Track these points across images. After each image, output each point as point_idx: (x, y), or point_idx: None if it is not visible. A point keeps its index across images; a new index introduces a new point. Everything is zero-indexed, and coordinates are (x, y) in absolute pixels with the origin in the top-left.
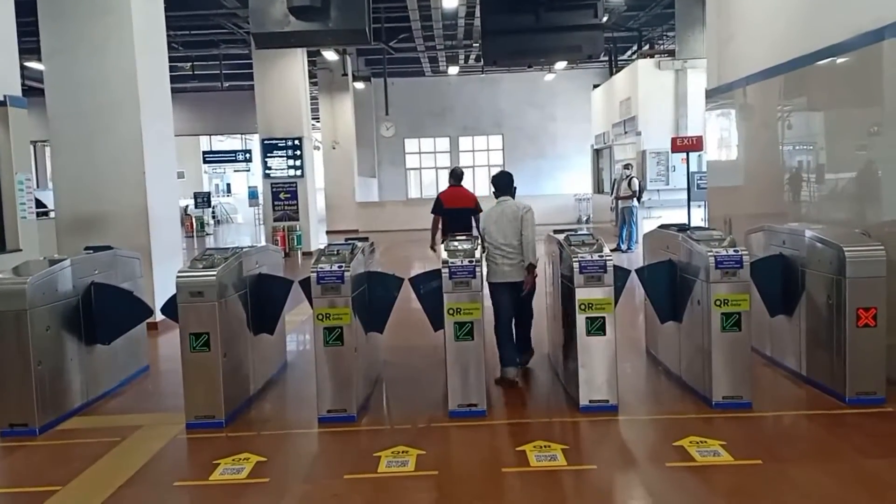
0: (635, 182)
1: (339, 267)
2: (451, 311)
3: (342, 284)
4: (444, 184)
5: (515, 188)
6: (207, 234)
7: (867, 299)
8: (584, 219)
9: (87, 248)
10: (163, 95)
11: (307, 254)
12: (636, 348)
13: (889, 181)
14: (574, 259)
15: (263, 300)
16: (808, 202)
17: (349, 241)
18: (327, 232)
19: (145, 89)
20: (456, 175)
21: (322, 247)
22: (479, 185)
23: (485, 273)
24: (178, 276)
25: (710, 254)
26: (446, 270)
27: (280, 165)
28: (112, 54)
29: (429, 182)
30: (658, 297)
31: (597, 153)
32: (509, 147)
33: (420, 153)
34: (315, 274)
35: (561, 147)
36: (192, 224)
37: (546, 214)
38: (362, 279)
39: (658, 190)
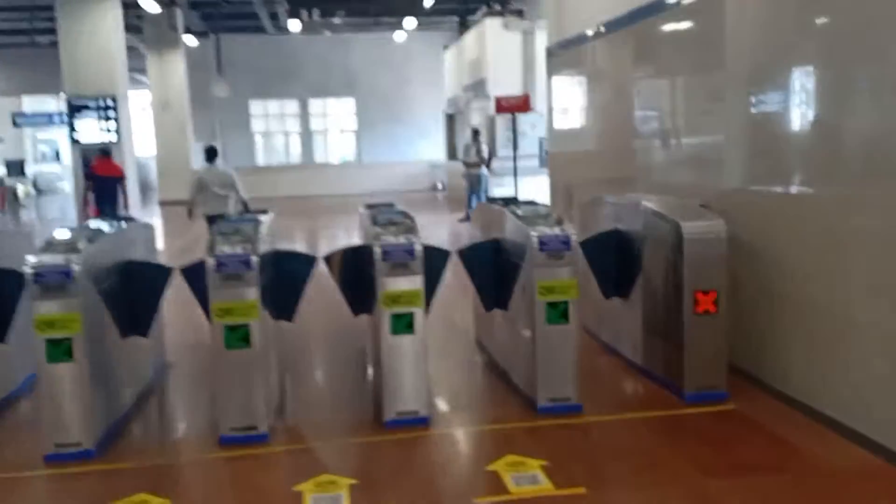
0: (484, 148)
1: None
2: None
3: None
4: (294, 149)
5: (217, 155)
6: (23, 207)
7: (707, 282)
8: (439, 186)
9: None
10: None
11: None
12: (466, 340)
13: (731, 147)
14: (377, 244)
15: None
16: (651, 170)
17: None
18: (160, 203)
19: None
20: (104, 150)
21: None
22: (333, 149)
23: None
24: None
25: (533, 233)
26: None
27: (91, 129)
28: None
29: (280, 147)
30: (481, 281)
31: (450, 118)
32: (362, 110)
33: (267, 116)
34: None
35: (417, 112)
36: (3, 195)
37: (399, 182)
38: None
39: (509, 157)
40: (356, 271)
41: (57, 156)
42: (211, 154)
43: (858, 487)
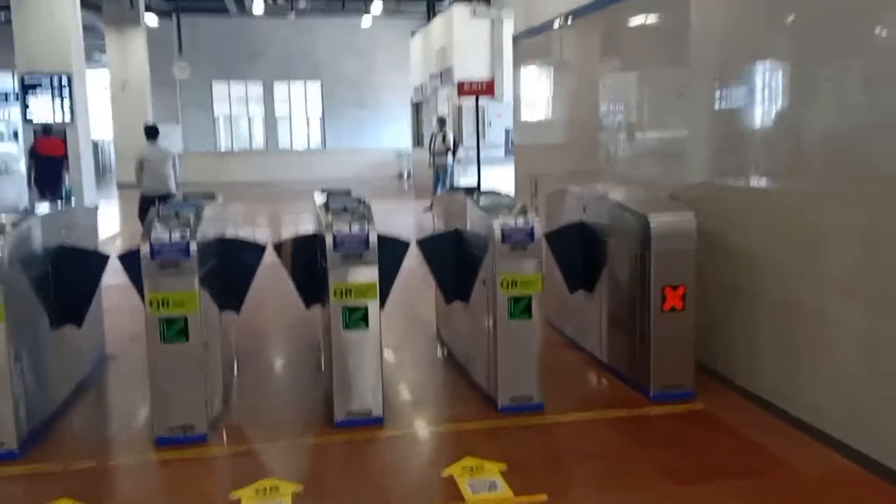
0: (450, 137)
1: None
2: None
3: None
4: (258, 134)
5: (159, 133)
6: None
7: (675, 277)
8: (406, 175)
9: None
10: None
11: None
12: (427, 333)
13: (694, 141)
14: (328, 233)
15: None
16: (615, 162)
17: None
18: (118, 185)
19: None
20: (46, 129)
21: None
22: (298, 134)
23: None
24: None
25: (495, 224)
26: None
27: (44, 107)
28: None
29: (243, 131)
30: (441, 273)
31: (416, 106)
32: (328, 96)
33: (230, 99)
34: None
35: (384, 98)
36: None
37: (366, 169)
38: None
39: (475, 146)
40: (308, 261)
41: (16, 135)
42: (151, 133)
43: (833, 495)
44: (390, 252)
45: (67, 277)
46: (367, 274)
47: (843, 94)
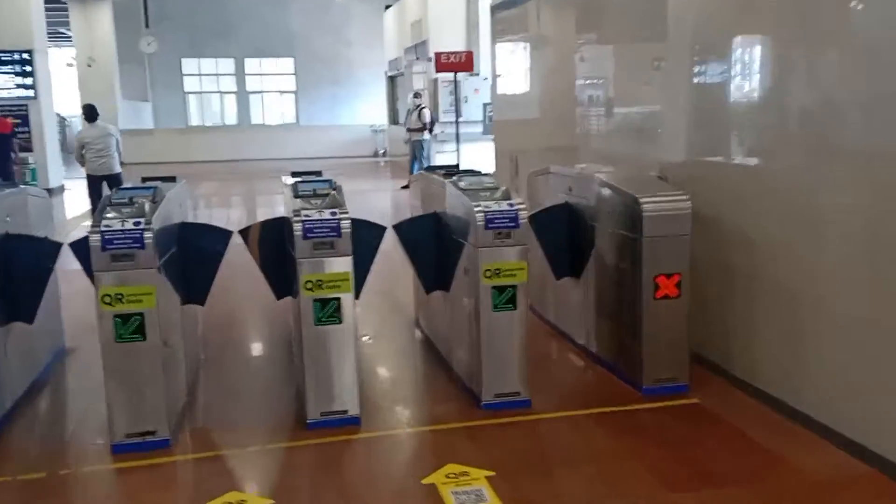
0: (426, 113)
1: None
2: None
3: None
4: (230, 109)
5: (98, 114)
6: None
7: (668, 264)
8: (381, 152)
9: None
10: None
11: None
12: (406, 321)
13: (671, 117)
14: (295, 220)
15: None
16: (599, 139)
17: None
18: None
19: None
20: None
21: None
22: (269, 111)
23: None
24: None
25: (477, 209)
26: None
27: (6, 84)
28: None
29: (215, 109)
30: (420, 260)
31: (391, 80)
32: (302, 72)
33: (201, 75)
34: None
35: (358, 74)
36: None
37: (341, 147)
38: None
39: (451, 122)
40: (276, 248)
41: None
42: (89, 113)
43: (842, 499)
44: (365, 238)
45: (14, 268)
46: (339, 264)
47: (836, 69)
